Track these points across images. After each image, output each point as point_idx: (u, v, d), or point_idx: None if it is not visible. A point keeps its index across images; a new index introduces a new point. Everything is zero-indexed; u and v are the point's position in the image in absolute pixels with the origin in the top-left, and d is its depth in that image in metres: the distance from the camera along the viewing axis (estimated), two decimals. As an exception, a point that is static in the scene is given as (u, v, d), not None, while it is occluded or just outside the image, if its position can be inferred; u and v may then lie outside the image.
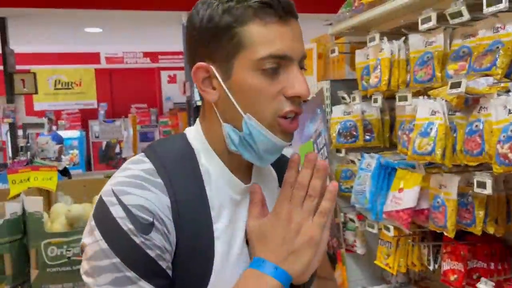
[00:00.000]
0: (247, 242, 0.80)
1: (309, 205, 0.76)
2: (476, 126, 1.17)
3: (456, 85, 1.16)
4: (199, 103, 4.13)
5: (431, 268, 1.51)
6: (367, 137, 1.76)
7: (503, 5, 1.03)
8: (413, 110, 1.43)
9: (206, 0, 0.77)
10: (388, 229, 1.56)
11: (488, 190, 1.13)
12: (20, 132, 3.97)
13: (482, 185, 1.15)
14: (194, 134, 0.82)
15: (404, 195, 1.43)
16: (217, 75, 0.75)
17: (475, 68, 1.20)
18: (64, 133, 7.24)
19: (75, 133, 7.64)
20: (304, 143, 2.02)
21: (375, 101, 1.59)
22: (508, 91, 1.10)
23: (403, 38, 1.51)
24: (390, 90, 1.54)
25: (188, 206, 0.74)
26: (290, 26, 0.75)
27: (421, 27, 1.31)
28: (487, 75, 1.16)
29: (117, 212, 0.71)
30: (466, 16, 1.15)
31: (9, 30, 4.33)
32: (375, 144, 1.75)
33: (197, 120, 0.85)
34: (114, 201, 0.72)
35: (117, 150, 7.69)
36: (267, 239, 0.76)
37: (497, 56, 1.13)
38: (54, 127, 7.37)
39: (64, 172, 3.17)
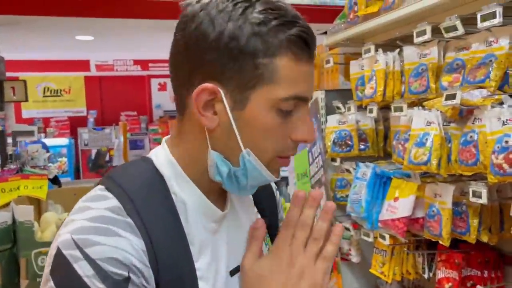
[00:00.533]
0: (232, 271, 0.74)
1: (313, 248, 0.69)
2: (471, 137, 1.20)
3: (451, 96, 1.18)
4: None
5: (426, 276, 1.53)
6: (362, 147, 1.78)
7: (497, 20, 1.07)
8: (408, 120, 1.46)
9: (223, 7, 0.64)
10: (383, 237, 1.58)
11: (483, 200, 1.16)
12: (9, 140, 3.92)
13: (477, 194, 1.17)
14: (163, 158, 0.71)
15: (400, 204, 1.45)
16: (225, 101, 0.65)
17: (469, 80, 1.23)
18: (52, 141, 7.16)
19: (64, 141, 7.56)
20: (299, 152, 2.03)
21: (371, 111, 1.62)
22: (501, 103, 1.13)
23: (398, 50, 1.54)
24: (385, 101, 1.56)
25: (166, 246, 0.65)
26: (313, 64, 0.69)
27: (416, 40, 1.34)
28: (480, 87, 1.19)
29: (83, 269, 0.58)
30: (461, 30, 1.18)
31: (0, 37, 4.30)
32: (370, 153, 1.78)
33: (164, 142, 0.74)
34: (77, 255, 0.59)
35: (107, 158, 7.63)
36: (265, 283, 0.69)
37: (490, 69, 1.17)
38: (40, 135, 7.28)
39: (54, 181, 3.14)
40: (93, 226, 0.61)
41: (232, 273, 0.74)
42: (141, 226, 0.63)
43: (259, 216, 0.83)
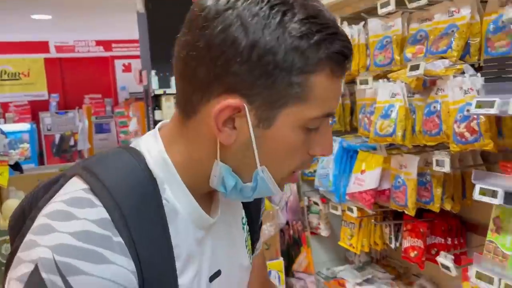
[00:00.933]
0: (211, 277, 0.70)
1: None
2: (434, 107, 1.22)
3: (415, 67, 1.19)
4: (157, 92, 3.98)
5: (392, 246, 1.57)
6: (329, 122, 1.79)
7: (459, -11, 1.07)
8: (373, 93, 1.46)
9: (256, 10, 0.56)
10: (351, 210, 1.60)
11: (446, 168, 1.18)
12: (-36, 126, 3.74)
13: (440, 163, 1.20)
14: (157, 156, 0.64)
15: (366, 176, 1.47)
16: (248, 118, 0.58)
17: (432, 51, 1.24)
18: (12, 126, 6.88)
19: (25, 126, 7.27)
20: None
21: (337, 85, 1.61)
22: (463, 73, 1.15)
23: (363, 22, 1.53)
24: (350, 75, 1.56)
25: (152, 265, 0.59)
26: (344, 76, 0.63)
27: (380, 11, 1.34)
28: (443, 58, 1.20)
29: None
30: (424, 0, 1.19)
31: None
32: (337, 128, 1.79)
33: (157, 134, 0.66)
34: (58, 283, 0.52)
35: (71, 142, 7.41)
36: None
37: (452, 39, 1.18)
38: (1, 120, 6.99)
39: (16, 167, 3.02)
40: (79, 247, 0.54)
41: (212, 278, 0.70)
42: (131, 244, 0.57)
43: (243, 213, 0.79)
